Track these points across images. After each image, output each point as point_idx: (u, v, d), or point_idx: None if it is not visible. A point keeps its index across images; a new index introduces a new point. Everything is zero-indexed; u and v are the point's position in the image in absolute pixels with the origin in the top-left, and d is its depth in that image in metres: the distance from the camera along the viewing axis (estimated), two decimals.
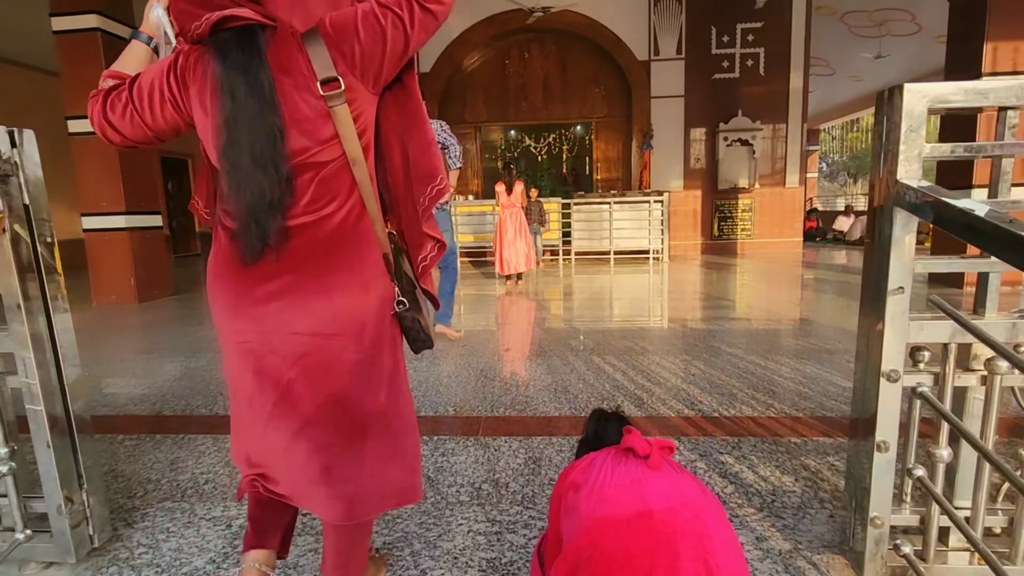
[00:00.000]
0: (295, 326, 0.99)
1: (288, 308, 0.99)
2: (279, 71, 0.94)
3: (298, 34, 0.96)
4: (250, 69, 0.92)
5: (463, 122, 10.44)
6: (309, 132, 0.96)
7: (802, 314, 4.50)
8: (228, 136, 0.93)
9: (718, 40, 9.46)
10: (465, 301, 5.71)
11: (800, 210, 9.85)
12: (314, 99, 0.95)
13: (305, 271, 0.99)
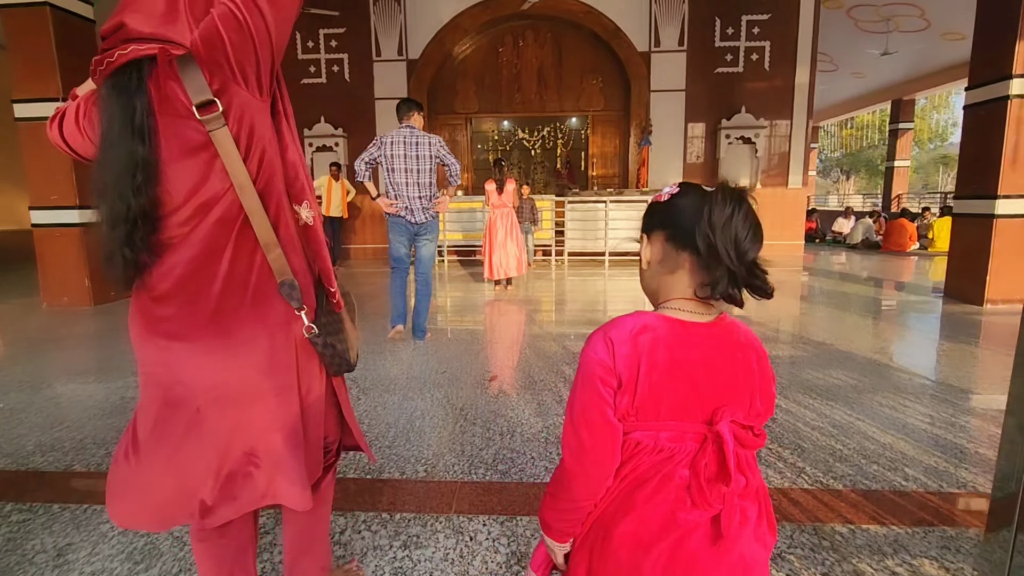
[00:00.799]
0: (196, 362, 1.00)
1: (185, 343, 0.99)
2: (161, 108, 0.93)
3: (174, 61, 0.92)
4: (131, 100, 0.91)
5: (453, 112, 9.94)
6: (197, 166, 0.94)
7: (816, 335, 4.12)
8: (98, 165, 0.95)
9: (722, 32, 9.02)
10: (451, 310, 5.28)
11: (802, 212, 9.49)
12: (196, 127, 0.93)
13: (197, 305, 0.98)
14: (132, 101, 0.91)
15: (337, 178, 8.11)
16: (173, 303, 0.98)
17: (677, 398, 0.78)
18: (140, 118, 0.90)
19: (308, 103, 9.52)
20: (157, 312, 0.99)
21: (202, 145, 0.94)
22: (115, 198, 0.92)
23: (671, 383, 0.78)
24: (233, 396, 1.01)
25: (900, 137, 14.11)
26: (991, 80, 4.85)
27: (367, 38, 9.37)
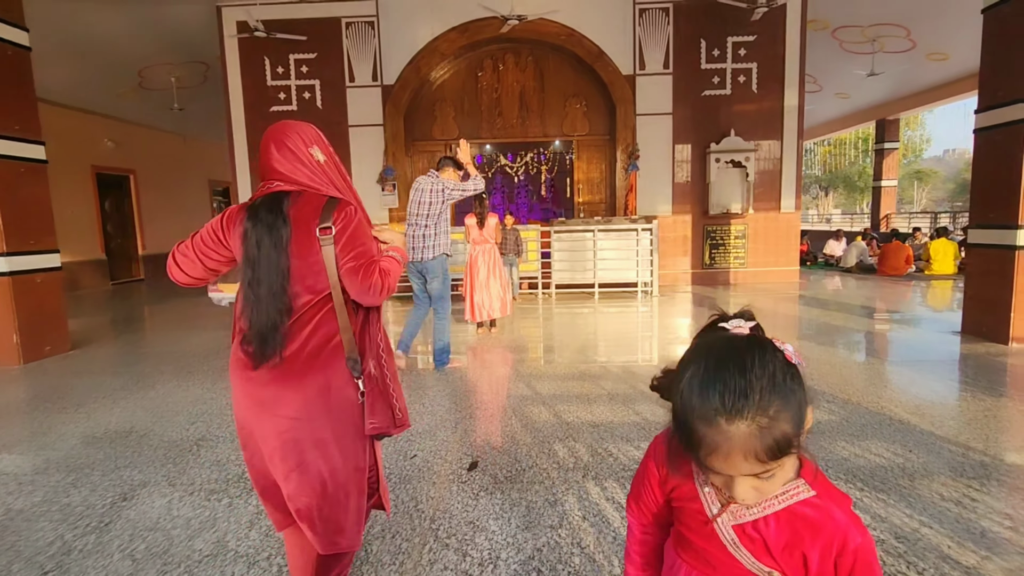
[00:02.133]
0: (281, 411, 1.38)
1: (276, 399, 1.38)
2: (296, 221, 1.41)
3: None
4: (275, 227, 1.38)
5: (431, 139, 9.52)
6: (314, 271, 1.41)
7: (839, 388, 3.65)
8: (252, 274, 1.38)
9: (708, 54, 8.76)
10: (428, 361, 4.74)
11: (796, 236, 9.16)
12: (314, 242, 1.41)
13: (293, 380, 1.37)
14: (278, 221, 1.39)
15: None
16: (271, 374, 1.39)
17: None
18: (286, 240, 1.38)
19: None
20: (259, 376, 1.39)
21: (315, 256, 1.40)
22: (271, 288, 1.37)
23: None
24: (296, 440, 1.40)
25: (886, 157, 14.01)
26: (1005, 102, 4.52)
27: (339, 63, 8.95)
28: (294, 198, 1.42)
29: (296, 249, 1.38)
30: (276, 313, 1.35)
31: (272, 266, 1.36)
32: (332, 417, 1.40)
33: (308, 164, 1.48)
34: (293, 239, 1.38)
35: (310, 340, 1.39)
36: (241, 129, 9.12)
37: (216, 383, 4.14)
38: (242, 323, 1.39)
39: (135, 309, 8.79)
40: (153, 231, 12.77)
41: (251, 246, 1.38)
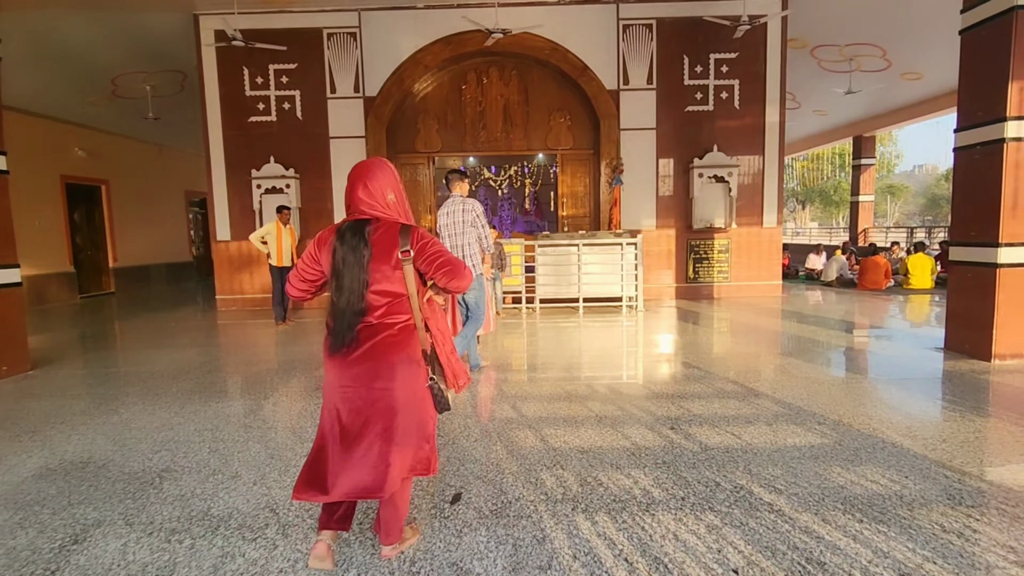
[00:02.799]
0: (376, 383, 1.85)
1: (356, 377, 1.85)
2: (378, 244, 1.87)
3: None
4: (357, 247, 1.82)
5: (414, 151, 9.41)
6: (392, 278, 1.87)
7: (828, 409, 3.60)
8: (337, 283, 1.83)
9: (691, 71, 8.82)
10: None
11: (779, 251, 9.22)
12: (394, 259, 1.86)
13: (368, 364, 1.84)
14: (358, 238, 1.84)
15: (287, 223, 7.35)
16: (357, 357, 1.87)
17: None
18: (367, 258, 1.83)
19: (256, 142, 8.85)
20: (346, 359, 1.88)
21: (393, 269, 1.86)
22: (354, 292, 1.81)
23: None
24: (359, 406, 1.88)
25: (863, 172, 14.28)
26: (984, 122, 4.58)
27: (321, 75, 8.82)
28: (374, 225, 1.87)
29: (375, 264, 1.83)
30: (353, 315, 1.81)
31: (354, 278, 1.81)
32: (413, 383, 1.90)
33: (382, 202, 1.91)
34: (373, 257, 1.83)
35: (390, 329, 1.86)
36: (218, 139, 8.91)
37: (185, 406, 3.93)
38: (329, 320, 1.87)
39: (104, 324, 8.46)
40: (126, 243, 12.39)
41: (337, 261, 1.83)
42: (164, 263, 13.70)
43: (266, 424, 3.54)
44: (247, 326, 7.61)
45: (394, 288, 1.86)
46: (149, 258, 13.12)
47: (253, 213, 8.83)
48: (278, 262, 7.22)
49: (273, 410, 3.84)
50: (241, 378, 4.80)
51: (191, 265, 14.95)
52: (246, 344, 6.37)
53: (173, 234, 14.22)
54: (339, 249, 1.83)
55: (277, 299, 7.33)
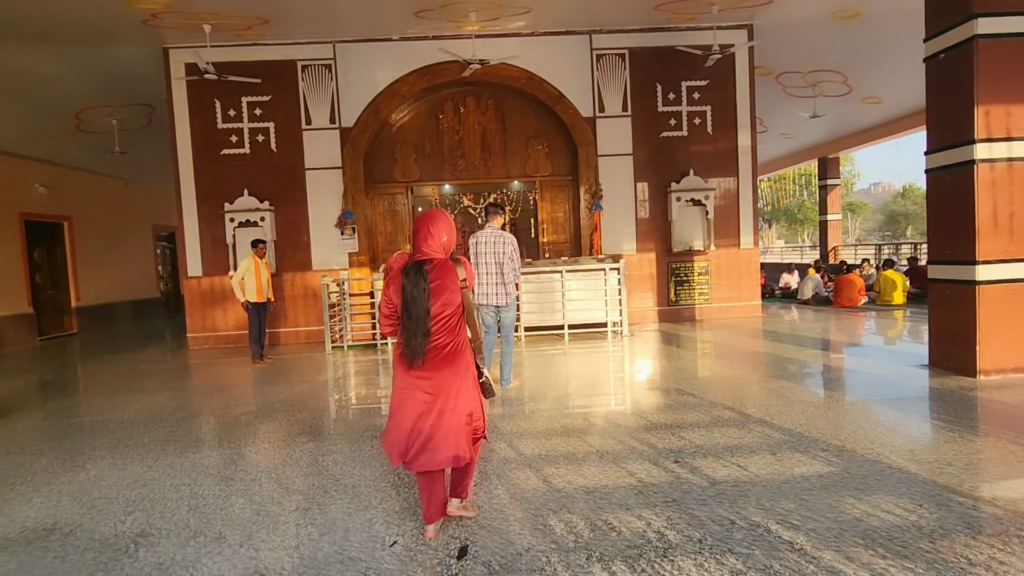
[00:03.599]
0: (443, 389, 2.38)
1: (425, 383, 2.36)
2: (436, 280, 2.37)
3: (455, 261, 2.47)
4: (418, 283, 2.32)
5: (392, 181, 9.33)
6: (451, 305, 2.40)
7: (830, 434, 3.56)
8: (406, 312, 2.32)
9: (664, 98, 9.02)
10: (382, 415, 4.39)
11: (756, 271, 9.35)
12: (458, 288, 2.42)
13: (434, 371, 2.37)
14: (419, 275, 2.33)
15: (263, 256, 7.13)
16: (425, 370, 2.37)
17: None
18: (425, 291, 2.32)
19: (228, 175, 8.65)
20: (418, 370, 2.38)
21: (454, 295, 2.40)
22: (420, 318, 2.31)
23: None
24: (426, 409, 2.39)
25: (830, 192, 14.76)
26: (953, 144, 4.73)
27: (295, 106, 8.72)
28: (430, 265, 2.36)
29: (435, 297, 2.33)
30: (421, 336, 2.30)
31: (419, 308, 2.30)
32: (467, 379, 2.44)
33: (438, 243, 2.42)
34: (432, 290, 2.32)
35: (452, 341, 2.39)
36: (189, 173, 8.69)
37: (159, 458, 3.68)
38: (401, 341, 2.36)
39: (66, 369, 8.02)
40: (90, 281, 11.91)
41: (406, 295, 2.32)
42: (130, 300, 13.20)
43: (249, 476, 3.32)
44: (221, 365, 7.30)
45: (450, 312, 2.38)
46: (114, 296, 12.62)
47: (226, 247, 8.57)
48: (257, 297, 6.97)
49: (256, 459, 3.61)
50: (218, 424, 4.55)
51: (159, 301, 14.45)
52: (222, 385, 6.08)
53: (140, 270, 13.75)
54: (407, 286, 2.32)
55: (254, 336, 7.05)
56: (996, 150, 4.53)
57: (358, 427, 4.20)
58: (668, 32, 8.81)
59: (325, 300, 7.78)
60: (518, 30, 8.65)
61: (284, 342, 8.73)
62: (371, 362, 7.09)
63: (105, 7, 6.73)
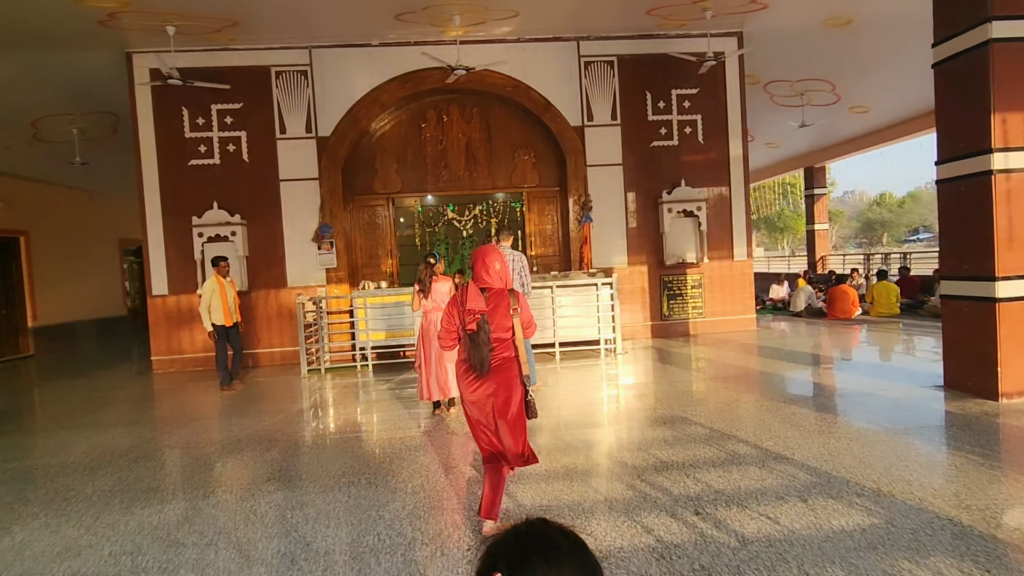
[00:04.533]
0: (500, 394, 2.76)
1: (488, 387, 2.75)
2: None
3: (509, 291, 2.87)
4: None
5: (372, 193, 8.90)
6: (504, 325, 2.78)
7: (858, 473, 3.22)
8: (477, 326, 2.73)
9: (654, 106, 8.76)
10: (377, 461, 3.94)
11: (750, 284, 9.10)
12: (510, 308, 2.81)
13: (494, 376, 2.74)
14: (483, 297, 2.80)
15: (226, 275, 6.60)
16: (486, 378, 2.77)
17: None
18: (487, 322, 2.75)
19: (197, 187, 8.13)
20: (478, 379, 2.76)
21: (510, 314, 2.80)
22: (485, 338, 2.71)
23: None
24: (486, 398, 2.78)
25: (817, 202, 14.71)
26: (968, 154, 4.49)
27: (269, 114, 8.26)
28: (488, 293, 2.79)
29: (492, 320, 2.75)
30: (485, 351, 2.72)
31: (483, 330, 2.73)
32: (518, 388, 2.79)
33: (493, 272, 2.80)
34: (490, 314, 2.75)
35: (506, 355, 2.79)
36: (154, 184, 8.15)
37: (100, 516, 3.18)
38: (466, 355, 2.81)
39: (13, 397, 7.38)
40: (48, 299, 11.20)
41: (479, 304, 2.76)
42: (94, 319, 12.49)
43: (204, 539, 2.85)
44: (187, 392, 6.75)
45: (504, 334, 2.78)
46: (76, 314, 11.91)
47: (195, 264, 8.04)
48: (225, 320, 6.43)
49: (214, 516, 3.14)
50: (175, 468, 4.05)
51: (125, 320, 13.72)
52: (185, 417, 5.55)
53: (105, 286, 13.04)
54: (483, 300, 2.77)
55: (222, 362, 6.52)
56: (1014, 160, 4.29)
57: (334, 470, 3.74)
58: (658, 39, 8.57)
59: (301, 320, 7.29)
60: (504, 36, 8.33)
61: (258, 364, 8.19)
62: (350, 387, 6.61)
63: (56, 6, 6.22)
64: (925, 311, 9.40)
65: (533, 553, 0.68)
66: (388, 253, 9.09)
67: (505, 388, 2.75)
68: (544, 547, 0.69)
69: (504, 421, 2.74)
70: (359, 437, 4.51)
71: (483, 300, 2.74)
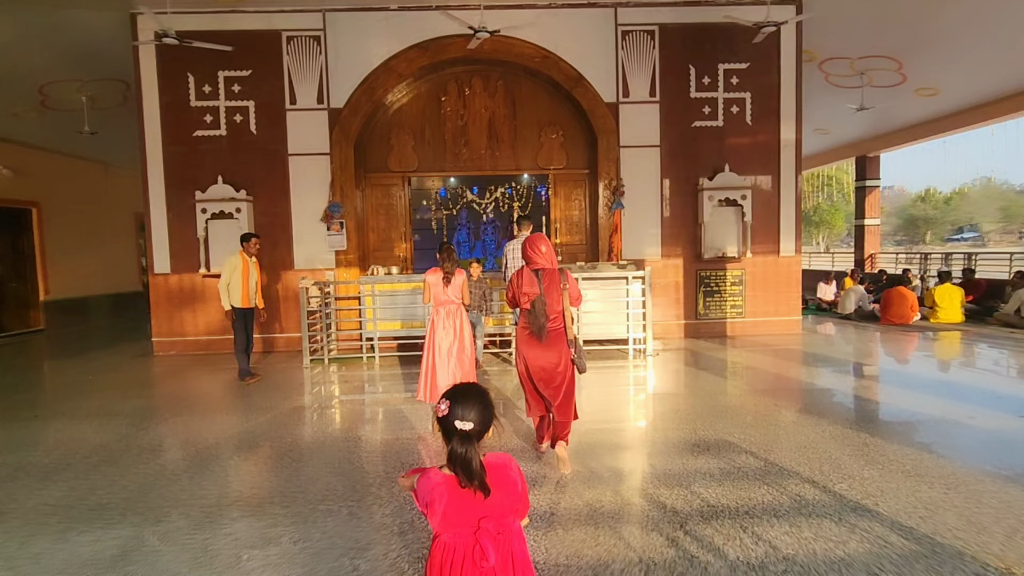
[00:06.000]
0: (551, 359, 3.40)
1: (546, 353, 3.40)
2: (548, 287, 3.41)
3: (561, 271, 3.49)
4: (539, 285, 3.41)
5: (387, 171, 8.29)
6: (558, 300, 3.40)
7: (997, 554, 2.49)
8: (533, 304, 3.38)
9: (698, 82, 7.90)
10: (361, 469, 3.35)
11: (797, 282, 8.24)
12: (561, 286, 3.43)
13: (551, 342, 3.39)
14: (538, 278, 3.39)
15: (253, 254, 5.99)
16: (545, 342, 3.38)
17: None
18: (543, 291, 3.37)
19: (202, 159, 7.64)
20: (540, 343, 3.38)
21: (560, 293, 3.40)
22: (542, 310, 3.34)
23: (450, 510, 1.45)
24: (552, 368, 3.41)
25: (868, 194, 13.56)
26: None
27: (279, 83, 7.67)
28: (543, 272, 3.38)
29: (547, 293, 3.33)
30: (543, 319, 3.32)
31: (541, 302, 3.33)
32: (565, 357, 3.39)
33: (543, 257, 3.39)
34: (545, 288, 3.34)
35: (559, 327, 3.38)
36: (158, 156, 7.69)
37: (28, 542, 2.65)
38: (528, 321, 3.39)
39: (20, 375, 7.03)
40: (61, 273, 10.95)
41: (533, 288, 3.38)
42: (107, 294, 12.23)
43: None
44: (182, 379, 6.30)
45: (558, 307, 3.36)
46: (89, 289, 11.66)
47: (197, 242, 7.56)
48: (243, 302, 5.87)
49: (157, 551, 2.58)
50: (136, 479, 3.50)
51: (140, 295, 13.45)
52: (169, 410, 5.06)
53: (119, 261, 12.77)
54: (536, 284, 3.38)
55: (241, 349, 5.94)
56: None
57: (313, 492, 3.16)
58: (705, 6, 7.69)
59: (304, 306, 6.75)
60: (534, 1, 7.56)
61: (259, 351, 7.72)
62: (352, 380, 6.06)
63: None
64: (994, 319, 8.41)
65: (458, 394, 1.48)
66: (402, 236, 8.49)
67: (561, 363, 3.38)
68: (465, 391, 1.50)
69: (558, 390, 3.39)
70: (349, 448, 3.93)
71: (537, 284, 3.34)
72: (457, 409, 1.42)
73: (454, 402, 1.44)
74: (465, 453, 1.40)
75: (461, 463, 1.40)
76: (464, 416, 1.41)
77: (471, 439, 1.41)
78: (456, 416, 1.41)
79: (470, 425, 1.41)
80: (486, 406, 1.47)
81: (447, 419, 1.42)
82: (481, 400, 1.47)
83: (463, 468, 1.40)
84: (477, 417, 1.43)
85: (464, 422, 1.40)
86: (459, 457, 1.40)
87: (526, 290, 3.34)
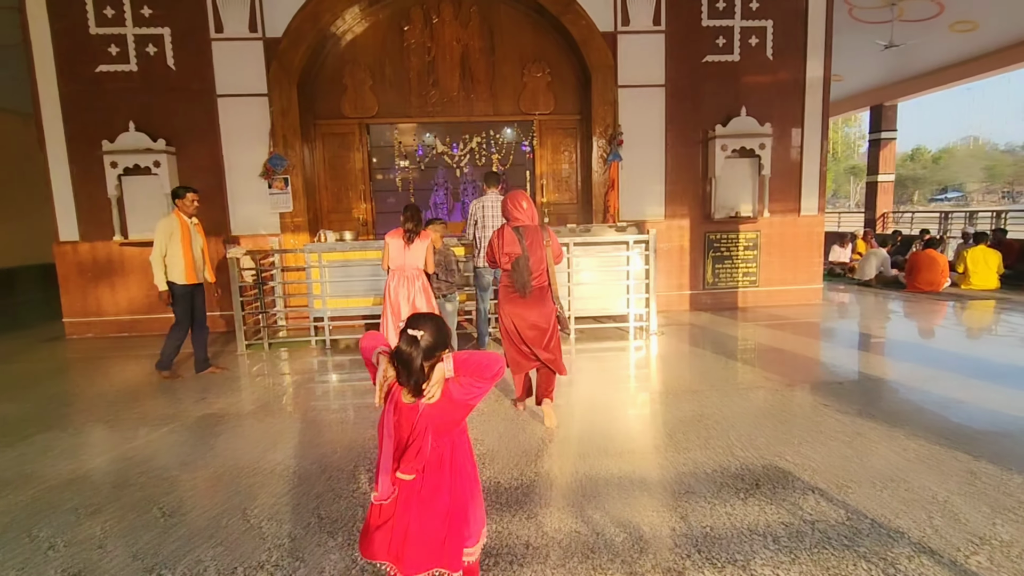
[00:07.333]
0: (537, 315, 3.39)
1: (530, 310, 3.38)
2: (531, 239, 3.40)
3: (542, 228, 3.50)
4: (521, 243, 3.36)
5: (341, 117, 6.96)
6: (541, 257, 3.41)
7: None
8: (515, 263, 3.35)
9: (711, 7, 6.62)
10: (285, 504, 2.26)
11: (819, 246, 7.19)
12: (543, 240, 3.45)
13: (535, 298, 3.38)
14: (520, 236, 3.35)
15: (192, 213, 4.68)
16: (529, 299, 3.37)
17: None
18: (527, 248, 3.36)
19: (108, 102, 6.26)
20: (523, 300, 3.35)
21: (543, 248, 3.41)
22: (525, 267, 3.32)
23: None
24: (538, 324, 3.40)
25: (883, 148, 12.44)
26: None
27: (200, 4, 6.24)
28: (524, 229, 3.35)
29: (530, 250, 3.31)
30: (527, 276, 3.29)
31: (524, 259, 3.30)
32: (550, 313, 3.41)
33: (524, 211, 3.36)
34: (528, 246, 3.31)
35: (543, 283, 3.38)
36: (53, 96, 6.28)
37: None
38: (511, 279, 3.35)
39: None
40: None
41: (515, 248, 3.33)
42: (35, 264, 10.81)
43: None
44: (85, 372, 5.12)
45: (542, 264, 3.37)
46: (9, 259, 10.25)
47: (109, 203, 6.25)
48: (187, 277, 4.58)
49: None
50: None
51: None
52: (46, 419, 3.89)
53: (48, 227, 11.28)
54: (517, 241, 3.34)
55: (181, 335, 4.68)
56: None
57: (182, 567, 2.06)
58: None
59: (235, 280, 5.53)
60: None
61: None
62: (301, 373, 4.90)
63: None
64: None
65: (418, 315, 1.55)
66: (361, 196, 7.23)
67: (546, 319, 3.39)
68: (425, 315, 1.55)
69: (546, 347, 3.39)
70: (252, 489, 2.83)
71: (518, 243, 3.31)
72: (414, 323, 1.51)
73: (413, 319, 1.53)
74: (410, 353, 1.47)
75: (403, 362, 1.48)
76: (417, 327, 1.49)
77: (418, 344, 1.48)
78: (411, 327, 1.50)
79: (421, 334, 1.48)
80: (440, 328, 1.54)
81: (404, 331, 1.49)
82: (436, 322, 1.54)
83: (404, 367, 1.49)
84: (430, 332, 1.49)
85: (416, 331, 1.48)
86: (402, 355, 1.48)
87: (507, 250, 3.34)
